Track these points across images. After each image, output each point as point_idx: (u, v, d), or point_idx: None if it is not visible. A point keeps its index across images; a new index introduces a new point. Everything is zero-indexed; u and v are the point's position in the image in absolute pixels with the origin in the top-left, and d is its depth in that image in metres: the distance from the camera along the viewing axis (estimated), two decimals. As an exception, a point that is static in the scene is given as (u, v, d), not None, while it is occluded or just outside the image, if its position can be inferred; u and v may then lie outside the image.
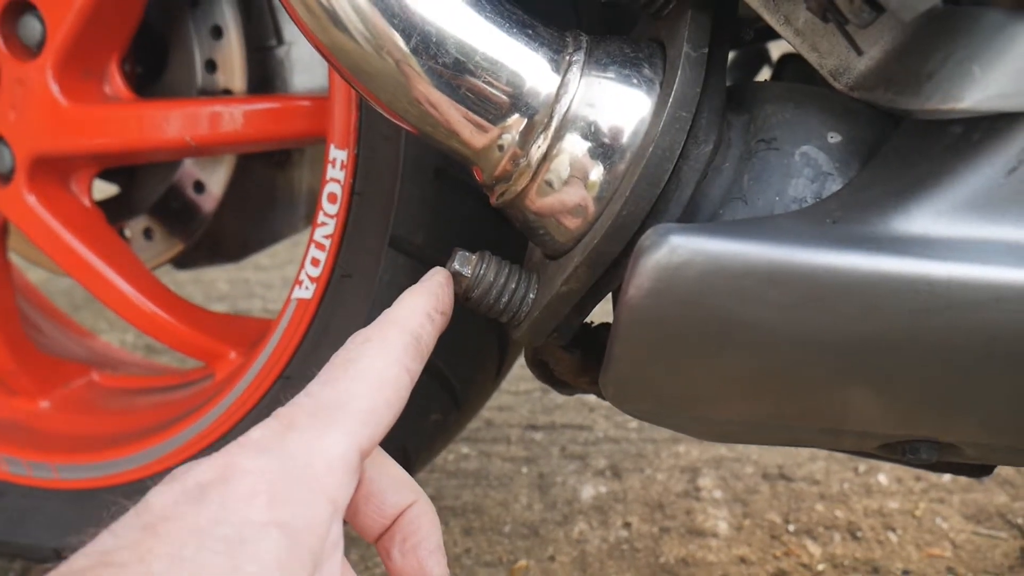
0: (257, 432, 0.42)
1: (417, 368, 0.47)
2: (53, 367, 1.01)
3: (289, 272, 1.82)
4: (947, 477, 1.09)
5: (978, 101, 0.41)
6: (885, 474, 1.11)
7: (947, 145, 0.44)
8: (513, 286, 0.54)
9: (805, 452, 1.15)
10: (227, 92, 0.89)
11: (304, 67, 0.92)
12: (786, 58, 0.86)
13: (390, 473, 0.51)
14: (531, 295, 0.55)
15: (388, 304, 0.71)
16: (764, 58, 1.00)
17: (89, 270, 0.87)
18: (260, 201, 1.02)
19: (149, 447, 0.86)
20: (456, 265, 0.54)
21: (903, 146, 0.46)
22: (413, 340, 0.48)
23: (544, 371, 0.65)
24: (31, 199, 0.85)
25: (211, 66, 0.89)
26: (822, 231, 0.44)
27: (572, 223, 0.51)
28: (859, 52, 0.44)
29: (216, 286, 1.76)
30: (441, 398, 0.79)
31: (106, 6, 0.79)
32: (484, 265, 0.54)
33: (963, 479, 1.08)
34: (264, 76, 0.91)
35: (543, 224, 0.53)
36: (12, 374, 0.97)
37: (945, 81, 0.42)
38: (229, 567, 0.36)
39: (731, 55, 0.94)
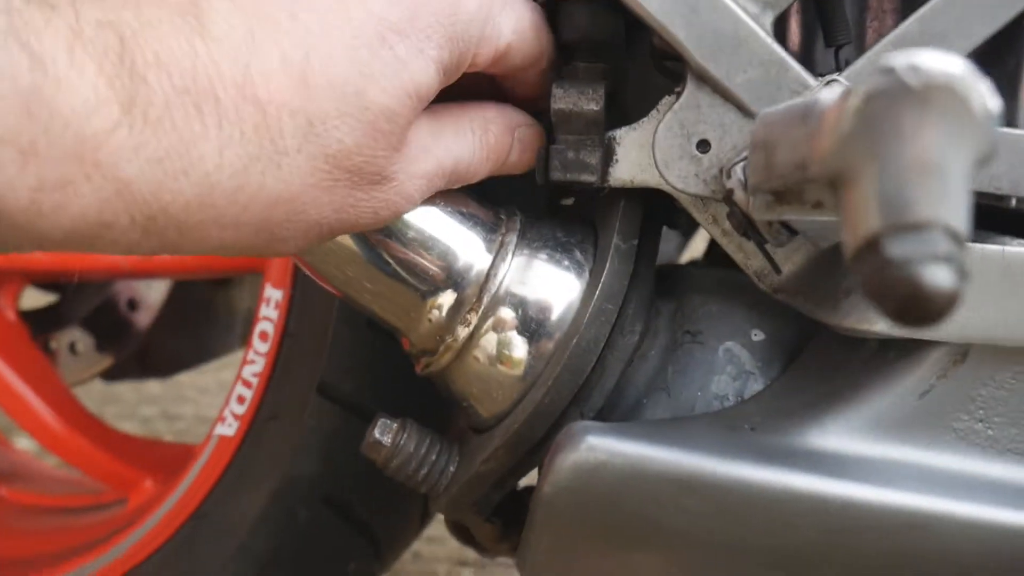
0: None
1: None
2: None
3: (225, 376, 1.78)
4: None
5: (891, 326, 0.42)
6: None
7: (863, 359, 0.45)
8: (434, 458, 0.53)
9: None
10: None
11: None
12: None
13: None
14: (451, 468, 0.54)
15: (313, 450, 0.71)
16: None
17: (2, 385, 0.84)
18: (197, 319, 1.01)
19: (51, 577, 0.82)
20: (376, 433, 0.53)
21: (822, 354, 0.47)
22: None
23: (464, 535, 0.63)
24: (-48, 310, 0.83)
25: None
26: (739, 440, 0.43)
27: (495, 402, 0.51)
28: (778, 272, 0.45)
29: (148, 388, 1.71)
30: (362, 549, 0.76)
31: None
32: (405, 435, 0.53)
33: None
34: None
35: (466, 399, 0.52)
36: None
37: (862, 301, 0.43)
38: None
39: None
